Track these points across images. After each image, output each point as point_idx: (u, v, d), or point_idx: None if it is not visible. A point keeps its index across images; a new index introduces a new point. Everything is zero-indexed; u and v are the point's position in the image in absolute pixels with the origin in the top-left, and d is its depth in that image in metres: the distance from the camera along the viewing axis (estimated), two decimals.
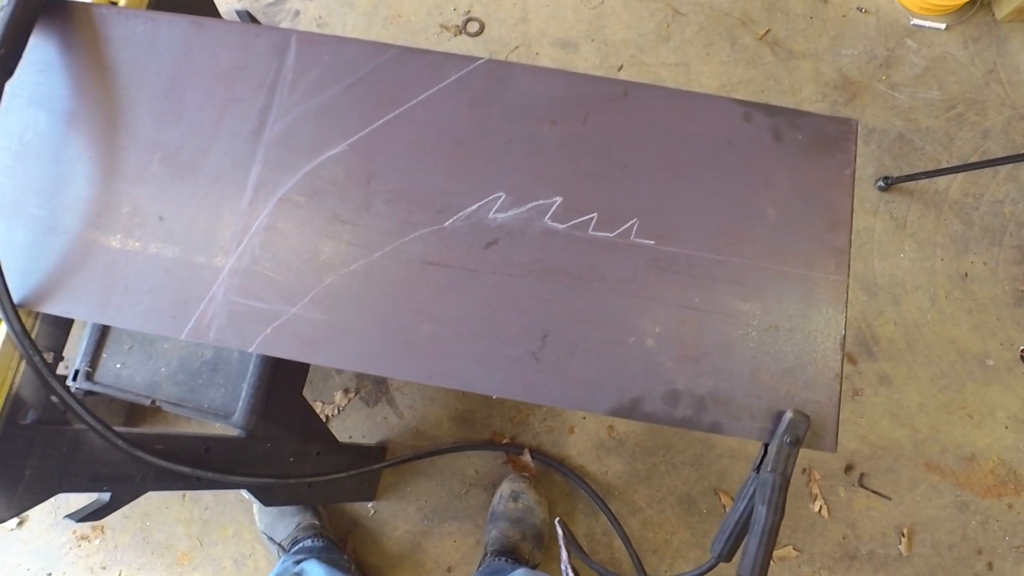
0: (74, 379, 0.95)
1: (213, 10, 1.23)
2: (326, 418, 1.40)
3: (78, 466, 0.75)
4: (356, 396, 1.41)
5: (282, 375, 0.96)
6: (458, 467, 1.37)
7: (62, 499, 1.35)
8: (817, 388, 0.62)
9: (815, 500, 1.36)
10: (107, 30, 0.70)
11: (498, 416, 1.40)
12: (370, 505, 1.35)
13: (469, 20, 1.63)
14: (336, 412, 1.40)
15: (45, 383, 0.63)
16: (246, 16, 1.53)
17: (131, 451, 0.73)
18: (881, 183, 1.50)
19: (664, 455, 1.38)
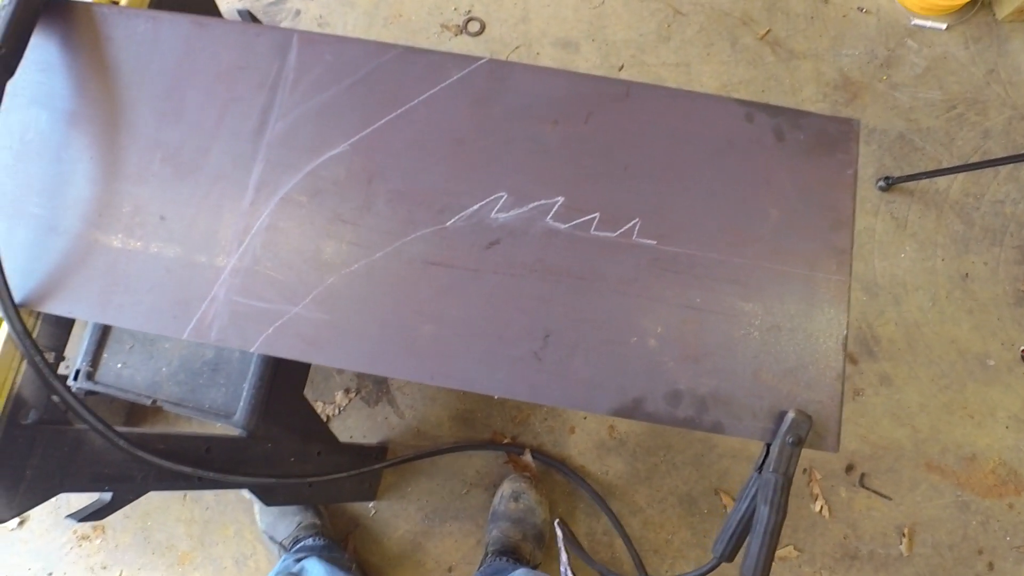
0: (75, 379, 0.95)
1: (214, 9, 1.23)
2: (327, 418, 1.40)
3: (79, 466, 0.75)
4: (357, 396, 1.41)
5: (283, 375, 0.96)
6: (459, 467, 1.37)
7: (63, 499, 1.35)
8: (819, 388, 0.62)
9: (816, 500, 1.36)
10: (108, 29, 0.70)
11: (499, 416, 1.40)
12: (371, 505, 1.35)
13: (470, 20, 1.62)
14: (337, 412, 1.40)
15: (46, 383, 0.63)
16: (247, 16, 1.53)
17: (132, 451, 0.73)
18: (882, 183, 1.50)
19: (665, 455, 1.38)
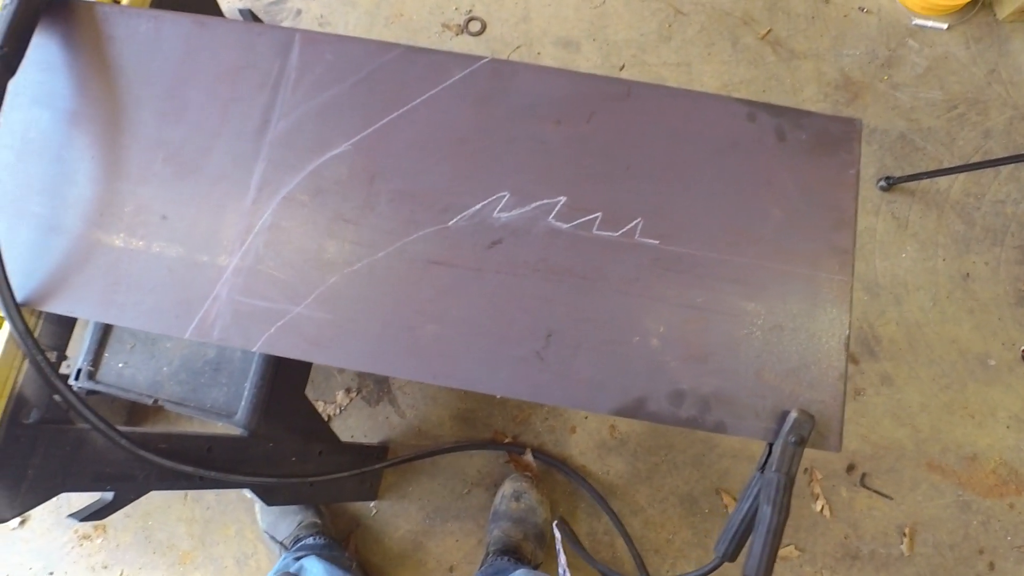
0: (76, 378, 0.95)
1: (216, 9, 1.23)
2: (328, 417, 1.40)
3: (81, 465, 0.75)
4: (358, 395, 1.41)
5: (284, 374, 0.96)
6: (460, 467, 1.37)
7: (63, 498, 1.35)
8: (821, 388, 0.62)
9: (817, 500, 1.36)
10: (110, 29, 0.70)
11: (500, 416, 1.40)
12: (372, 504, 1.35)
13: (471, 19, 1.62)
14: (338, 411, 1.40)
15: (48, 382, 0.63)
16: (248, 15, 1.53)
17: (134, 450, 0.73)
18: (883, 183, 1.50)
19: (666, 455, 1.38)
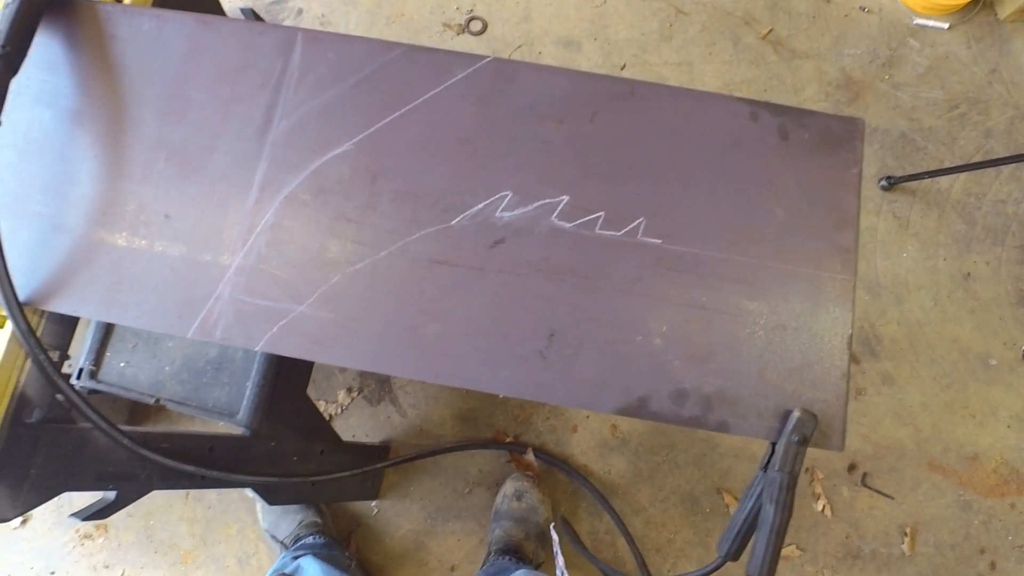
0: (78, 378, 0.95)
1: (218, 8, 1.22)
2: (329, 417, 1.39)
3: (83, 465, 0.75)
4: (359, 395, 1.41)
5: (286, 374, 0.96)
6: (461, 466, 1.37)
7: (65, 498, 1.35)
8: (824, 387, 0.62)
9: (818, 499, 1.36)
10: (112, 28, 0.70)
11: (501, 415, 1.40)
12: (373, 504, 1.35)
13: (472, 19, 1.62)
14: (339, 411, 1.40)
15: (51, 382, 0.63)
16: (250, 14, 1.53)
17: (136, 450, 0.73)
18: (884, 183, 1.50)
19: (667, 454, 1.38)
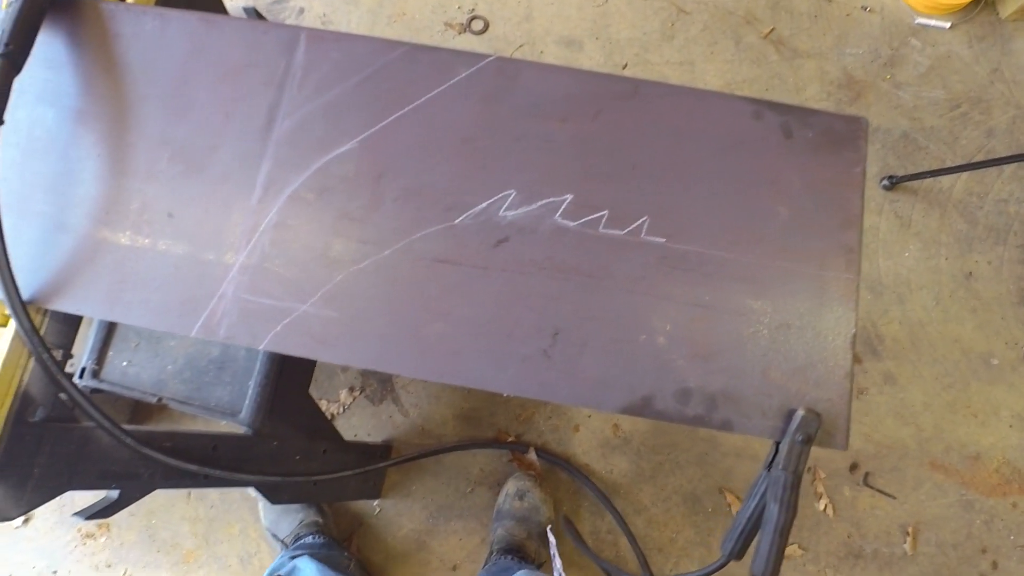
0: (80, 377, 0.95)
1: (220, 7, 1.22)
2: (331, 416, 1.40)
3: (87, 464, 0.75)
4: (361, 394, 1.41)
5: (289, 373, 0.96)
6: (463, 465, 1.37)
7: (67, 497, 1.34)
8: (828, 386, 0.62)
9: (820, 499, 1.36)
10: (116, 26, 0.70)
11: (503, 414, 1.40)
12: (375, 503, 1.35)
13: (473, 18, 1.62)
14: (341, 410, 1.40)
15: (54, 380, 0.63)
16: (253, 13, 1.52)
17: (140, 449, 0.73)
18: (886, 182, 1.50)
19: (669, 454, 1.38)
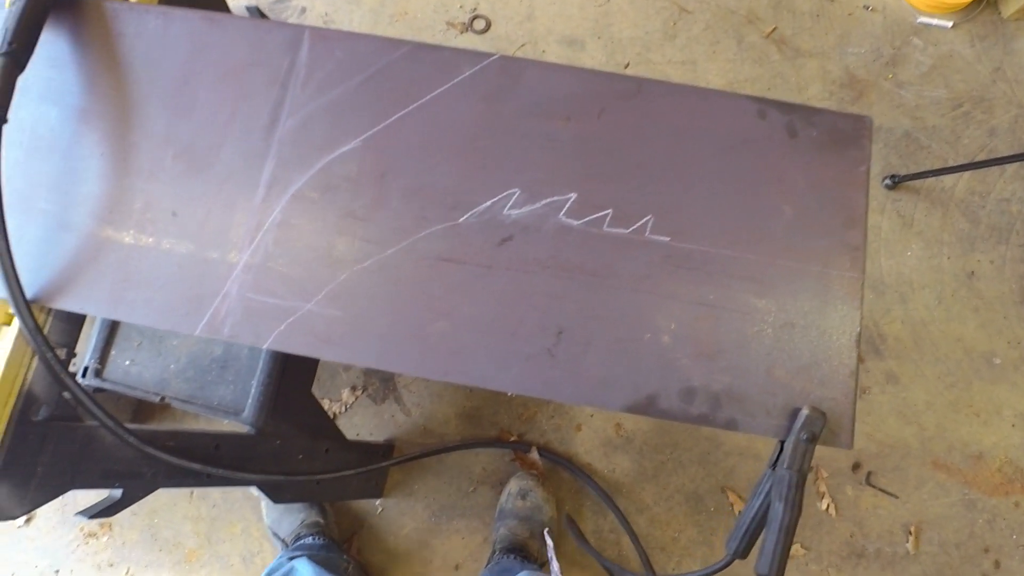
0: (83, 376, 0.95)
1: (223, 6, 1.22)
2: (334, 415, 1.39)
3: (90, 463, 0.75)
4: (363, 393, 1.41)
5: (291, 372, 0.96)
6: (466, 465, 1.37)
7: (69, 496, 1.34)
8: (833, 385, 0.62)
9: (823, 498, 1.36)
10: (119, 25, 0.70)
11: (505, 414, 1.40)
12: (378, 502, 1.35)
13: (475, 17, 1.62)
14: (343, 409, 1.40)
15: (58, 379, 0.63)
16: (256, 12, 1.52)
17: (143, 448, 0.73)
18: (888, 181, 1.50)
19: (671, 453, 1.38)
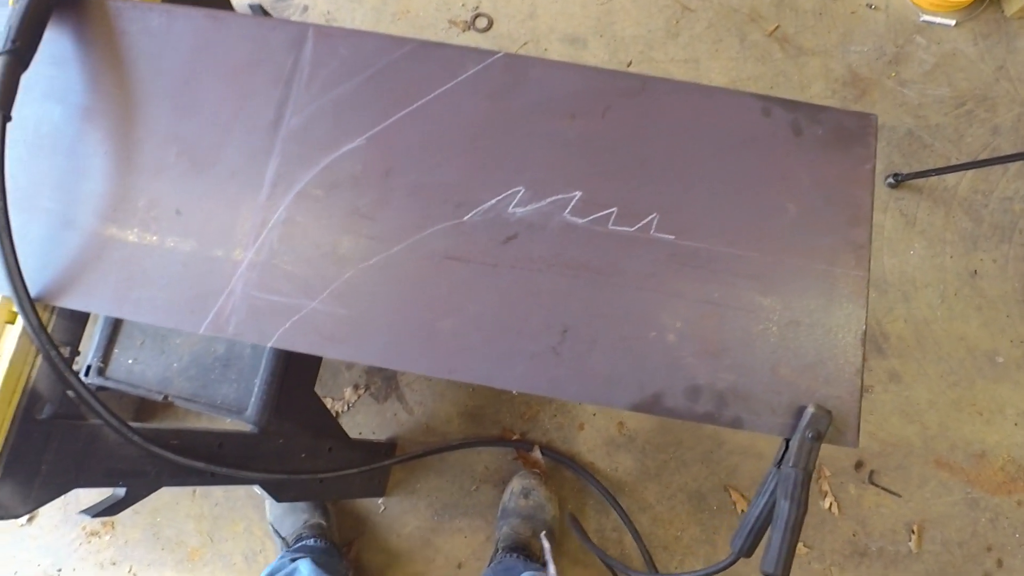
0: (86, 374, 0.95)
1: (227, 3, 1.22)
2: (336, 414, 1.39)
3: (94, 461, 0.75)
4: (366, 392, 1.41)
5: (294, 370, 0.95)
6: (468, 463, 1.37)
7: (71, 495, 1.34)
8: (838, 383, 0.62)
9: (825, 497, 1.36)
10: (122, 23, 0.70)
11: (508, 412, 1.40)
12: (380, 501, 1.35)
13: (478, 16, 1.62)
14: (346, 408, 1.40)
15: (62, 378, 0.63)
16: (259, 10, 1.52)
17: (146, 446, 0.73)
18: (891, 180, 1.49)
19: (674, 452, 1.38)
